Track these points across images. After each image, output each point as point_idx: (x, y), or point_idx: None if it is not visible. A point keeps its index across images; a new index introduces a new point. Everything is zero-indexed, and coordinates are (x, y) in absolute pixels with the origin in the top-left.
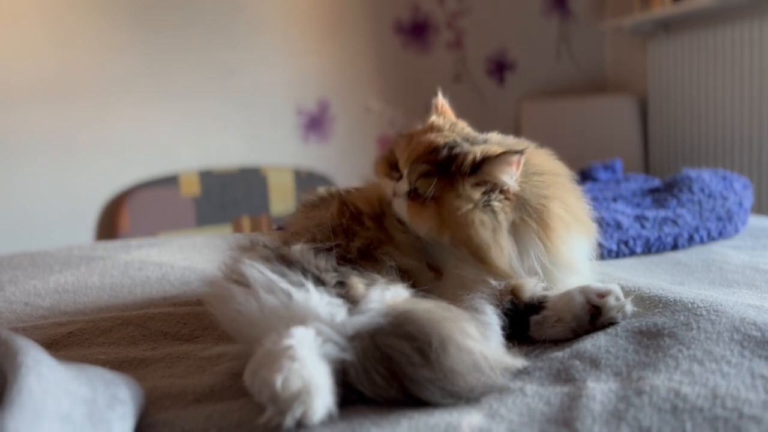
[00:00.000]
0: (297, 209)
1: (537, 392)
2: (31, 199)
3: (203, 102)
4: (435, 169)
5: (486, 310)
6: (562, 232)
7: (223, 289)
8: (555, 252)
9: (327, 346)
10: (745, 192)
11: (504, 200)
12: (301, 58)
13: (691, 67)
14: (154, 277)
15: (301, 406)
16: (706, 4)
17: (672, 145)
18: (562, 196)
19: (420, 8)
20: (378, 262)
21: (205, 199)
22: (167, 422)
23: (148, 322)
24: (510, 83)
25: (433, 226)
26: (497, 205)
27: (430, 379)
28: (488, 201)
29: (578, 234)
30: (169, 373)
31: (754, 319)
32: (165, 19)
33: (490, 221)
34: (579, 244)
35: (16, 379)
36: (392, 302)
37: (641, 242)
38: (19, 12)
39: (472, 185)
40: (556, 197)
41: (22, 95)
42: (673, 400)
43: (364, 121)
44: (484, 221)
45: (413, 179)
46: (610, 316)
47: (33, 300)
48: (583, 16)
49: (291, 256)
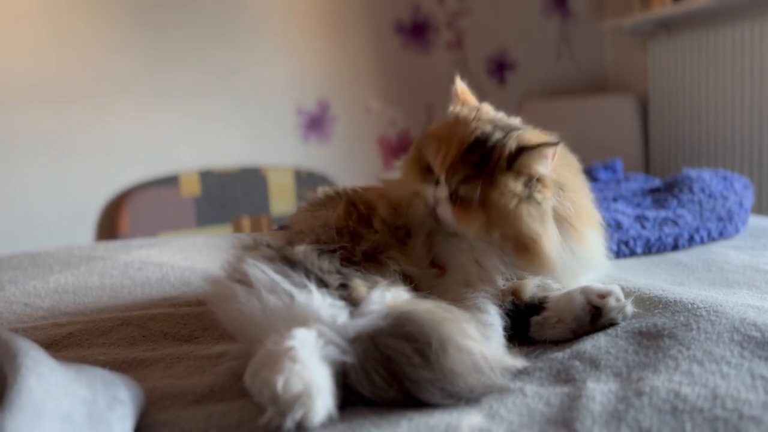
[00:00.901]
0: (302, 208)
1: (537, 393)
2: (31, 199)
3: (203, 102)
4: (474, 171)
5: (489, 310)
6: (589, 225)
7: (226, 288)
8: (583, 243)
9: (328, 348)
10: (745, 192)
11: (543, 189)
12: (302, 58)
13: (692, 67)
14: (154, 277)
15: (301, 408)
16: (706, 4)
17: (672, 145)
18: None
19: (420, 8)
20: (382, 266)
21: (205, 199)
22: (167, 422)
23: (148, 323)
24: (510, 83)
25: (482, 226)
26: (539, 195)
27: (429, 379)
28: (530, 192)
29: (598, 229)
30: (169, 374)
31: (754, 320)
32: (165, 19)
33: (537, 211)
34: (598, 240)
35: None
36: (393, 303)
37: (641, 242)
38: (19, 12)
39: (512, 178)
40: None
41: (22, 95)
42: (673, 400)
43: (364, 121)
44: (531, 212)
45: (454, 184)
46: (611, 317)
47: (33, 300)
48: (584, 16)
49: (294, 256)
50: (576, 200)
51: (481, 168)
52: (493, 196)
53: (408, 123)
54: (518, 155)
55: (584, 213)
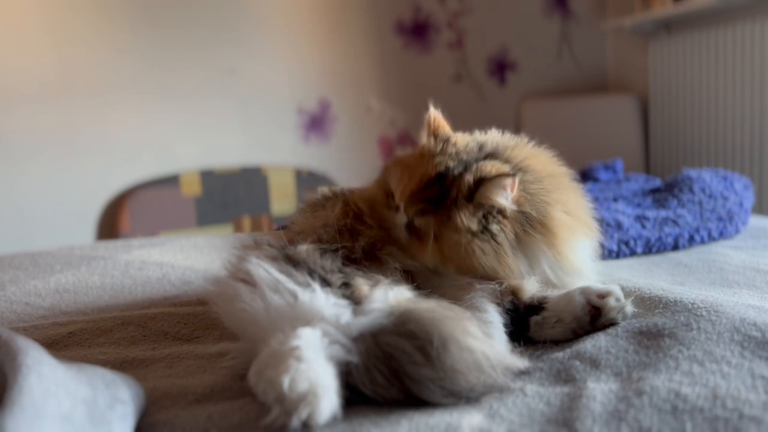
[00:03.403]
0: (301, 208)
1: (537, 392)
2: (32, 198)
3: (204, 102)
4: (429, 206)
5: (488, 308)
6: (567, 238)
7: (229, 287)
8: (562, 259)
9: (333, 347)
10: (745, 192)
11: (503, 219)
12: (303, 58)
13: (693, 67)
14: (154, 277)
15: (307, 408)
16: (707, 3)
17: (673, 145)
18: (563, 200)
19: (421, 8)
20: (382, 263)
21: (206, 198)
22: (167, 422)
23: (148, 322)
24: (511, 83)
25: (437, 258)
26: (495, 227)
27: (430, 377)
28: (486, 226)
29: (583, 237)
30: (169, 373)
31: (755, 320)
32: (166, 19)
33: (491, 247)
34: (583, 248)
35: (16, 379)
36: (395, 302)
37: (642, 242)
38: (19, 12)
39: (470, 211)
40: (557, 201)
41: (23, 95)
42: (673, 400)
43: (365, 121)
44: (484, 249)
45: (410, 215)
46: (611, 317)
47: (34, 300)
48: (584, 16)
49: (297, 256)
50: (554, 215)
51: (439, 203)
52: (446, 233)
53: (408, 123)
54: (477, 187)
55: (563, 228)
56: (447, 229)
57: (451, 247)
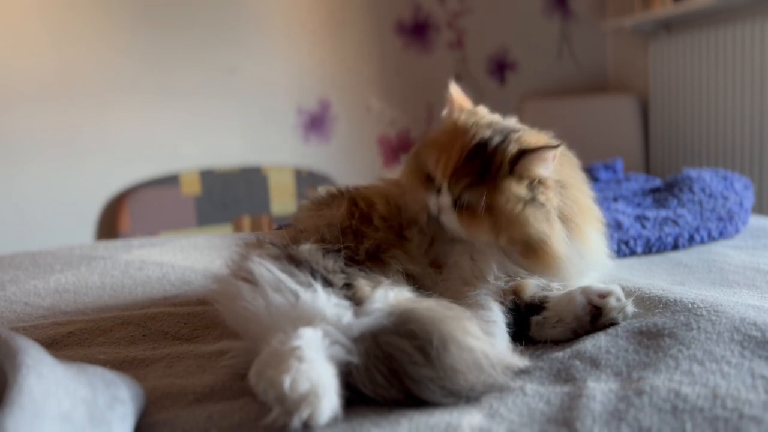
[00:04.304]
0: (305, 206)
1: (537, 392)
2: (31, 198)
3: (204, 101)
4: (476, 178)
5: (492, 307)
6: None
7: (231, 285)
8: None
9: (334, 347)
10: (745, 192)
11: (546, 190)
12: (303, 58)
13: (693, 67)
14: (154, 276)
15: (308, 408)
16: (707, 3)
17: (673, 145)
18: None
19: (421, 8)
20: (385, 265)
21: (206, 198)
22: (167, 422)
23: (148, 322)
24: (511, 83)
25: (489, 231)
26: (542, 197)
27: (430, 377)
28: (534, 195)
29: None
30: (169, 373)
31: (755, 320)
32: (166, 19)
33: (542, 213)
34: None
35: (16, 379)
36: (395, 301)
37: (642, 242)
38: (19, 12)
39: (515, 182)
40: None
41: (23, 95)
42: (673, 400)
43: (365, 120)
44: (537, 215)
45: (457, 192)
46: (611, 316)
47: (33, 300)
48: (584, 16)
49: (300, 255)
50: (578, 199)
51: (483, 174)
52: (498, 202)
53: (408, 123)
54: (519, 159)
55: (586, 211)
56: (499, 199)
57: (506, 217)
